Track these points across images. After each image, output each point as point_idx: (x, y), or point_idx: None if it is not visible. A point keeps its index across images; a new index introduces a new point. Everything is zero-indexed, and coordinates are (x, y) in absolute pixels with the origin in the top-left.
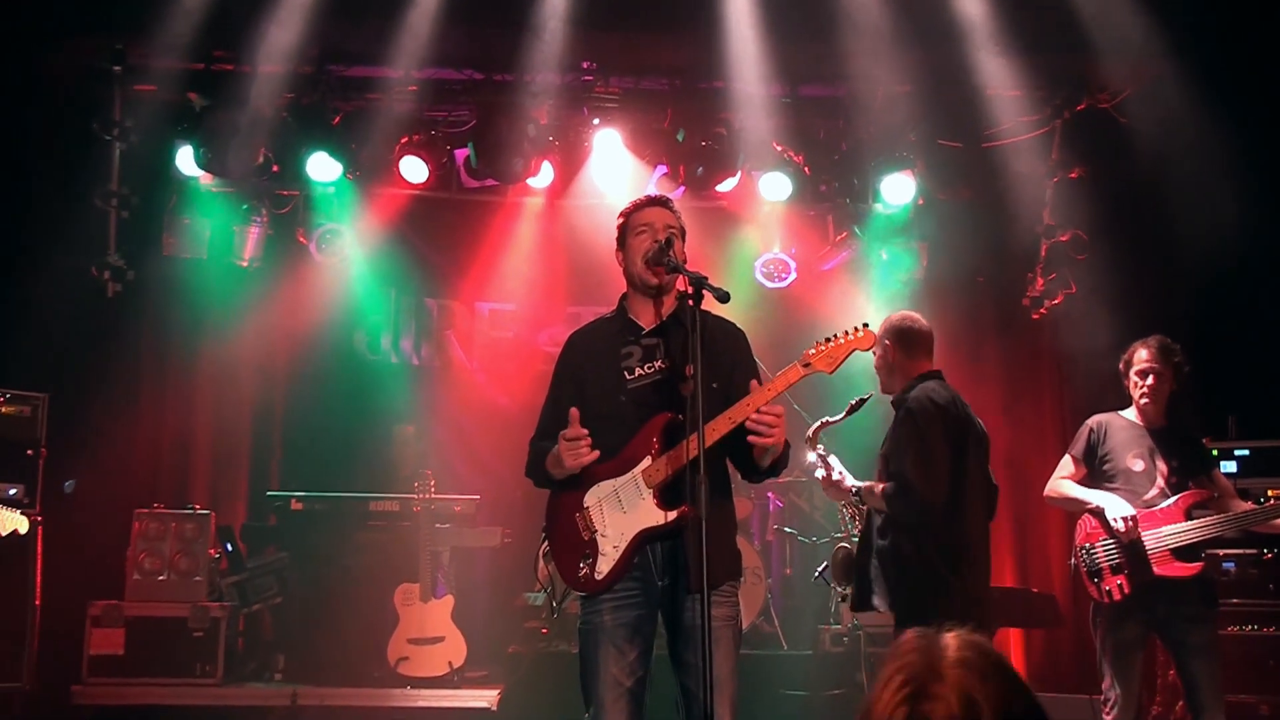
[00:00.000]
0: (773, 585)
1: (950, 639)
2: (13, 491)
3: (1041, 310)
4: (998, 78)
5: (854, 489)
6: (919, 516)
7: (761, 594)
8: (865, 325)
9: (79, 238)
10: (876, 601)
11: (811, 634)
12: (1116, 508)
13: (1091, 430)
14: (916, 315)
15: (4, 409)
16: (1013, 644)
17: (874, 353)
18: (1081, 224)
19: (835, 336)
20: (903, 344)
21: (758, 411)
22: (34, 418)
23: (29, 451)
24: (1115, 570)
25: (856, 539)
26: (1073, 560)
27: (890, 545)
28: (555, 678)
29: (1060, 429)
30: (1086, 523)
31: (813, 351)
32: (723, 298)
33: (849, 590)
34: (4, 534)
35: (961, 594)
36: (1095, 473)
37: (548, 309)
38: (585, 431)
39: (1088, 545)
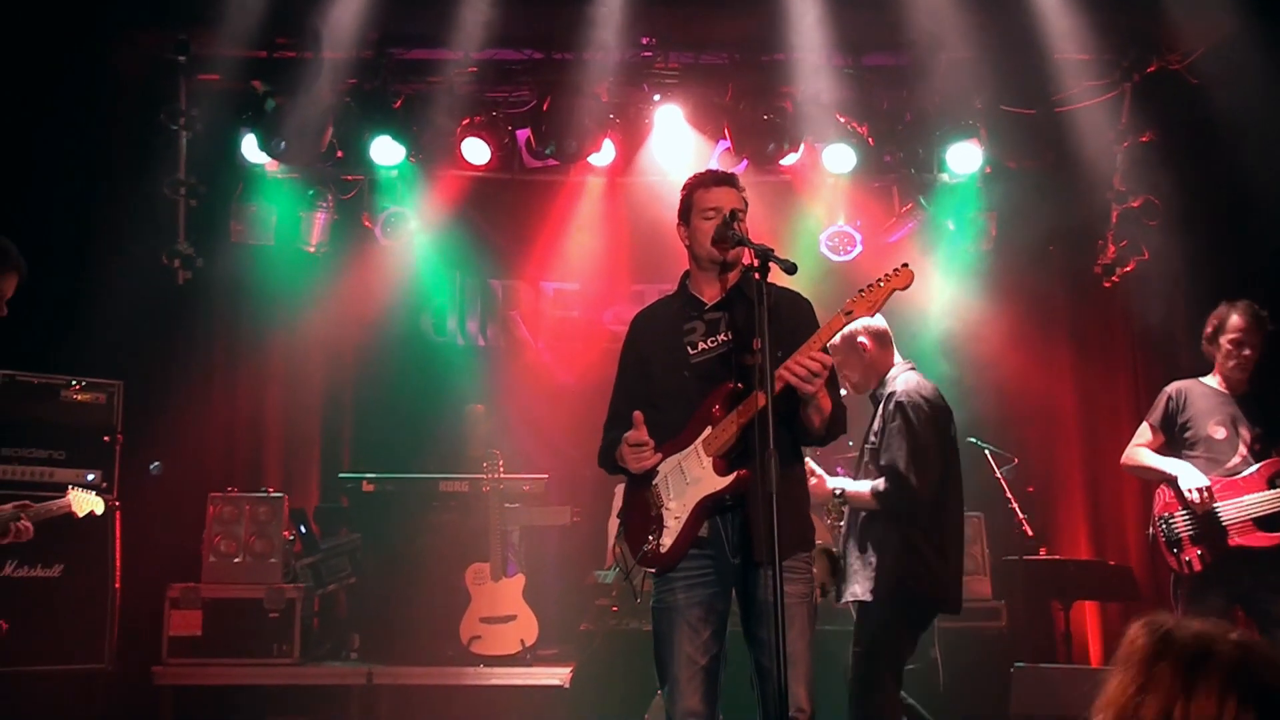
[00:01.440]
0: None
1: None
2: (90, 477)
3: (1114, 278)
4: (1065, 41)
5: (836, 490)
6: (910, 507)
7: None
8: (905, 265)
9: (149, 227)
10: (857, 589)
11: None
12: (1190, 478)
13: (1170, 398)
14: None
15: (80, 396)
16: (1088, 617)
17: (850, 356)
18: (1154, 189)
19: (875, 281)
20: (880, 342)
21: (795, 360)
22: (109, 405)
23: (105, 438)
24: (1195, 540)
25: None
26: (1151, 530)
27: (879, 536)
28: (627, 655)
29: (1133, 398)
30: (1165, 492)
31: (854, 299)
32: (790, 269)
33: (837, 586)
34: (80, 515)
35: (947, 581)
36: (1174, 440)
37: (612, 287)
38: (649, 440)
39: (1166, 515)
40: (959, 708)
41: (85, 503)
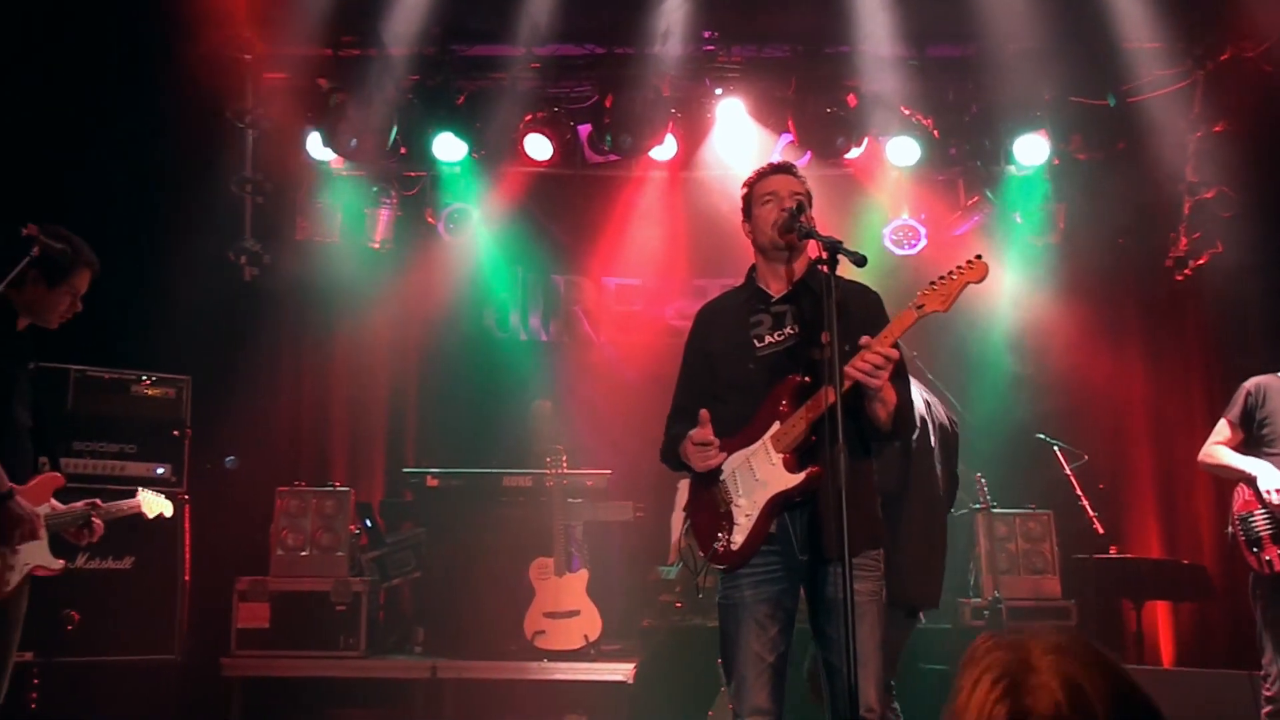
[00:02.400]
0: None
1: (1034, 632)
2: (160, 471)
3: (1186, 271)
4: (1135, 29)
5: None
6: None
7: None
8: (978, 256)
9: (216, 224)
10: None
11: (950, 607)
12: (1270, 478)
13: (1249, 393)
14: None
15: (150, 391)
16: (1160, 617)
17: None
18: (1227, 180)
19: (947, 274)
20: None
21: (861, 356)
22: (179, 400)
23: (175, 432)
24: (1276, 539)
25: None
26: (1230, 529)
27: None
28: (690, 651)
29: (1206, 393)
30: (1243, 491)
31: (925, 292)
32: (859, 261)
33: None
34: (150, 517)
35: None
36: (1253, 438)
37: (674, 282)
38: (715, 440)
39: (1245, 514)
40: None
41: (155, 505)
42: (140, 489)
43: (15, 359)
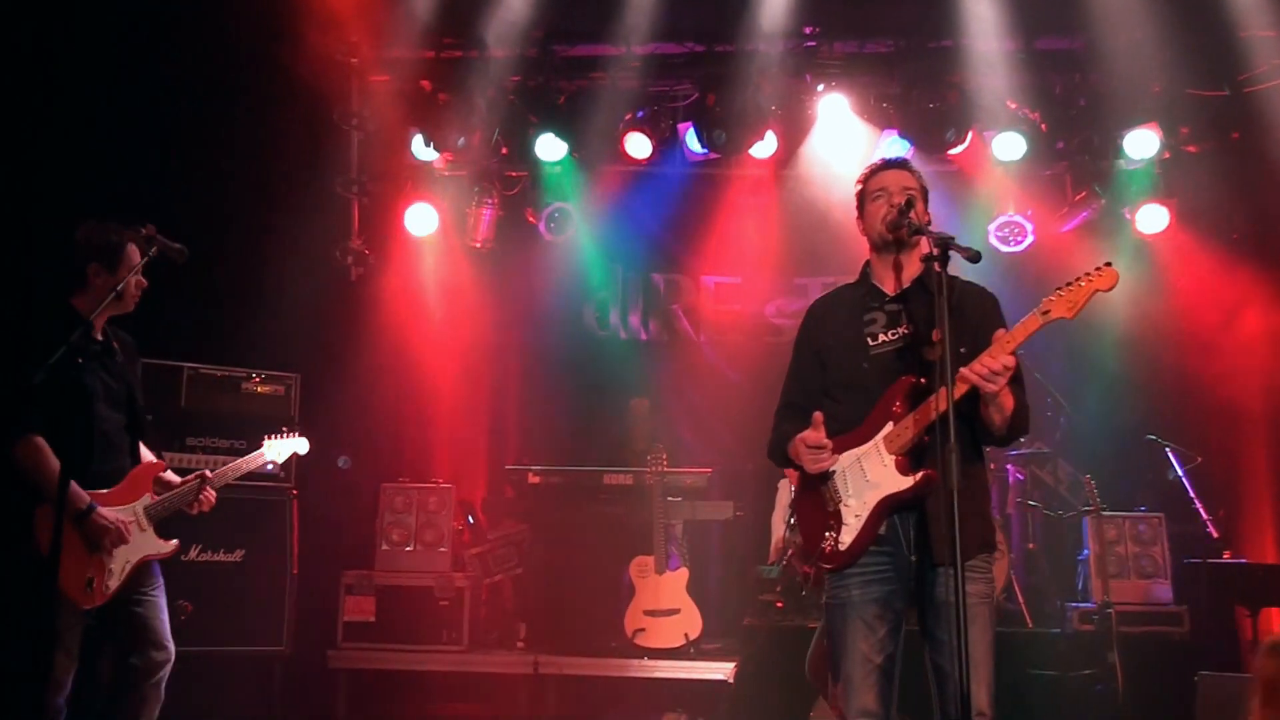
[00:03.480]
0: (1015, 561)
1: None
2: (270, 467)
3: None
4: (1251, 16)
5: None
6: None
7: (1004, 569)
8: (1108, 264)
9: (323, 224)
10: None
11: (1058, 612)
12: None
13: None
14: None
15: (260, 388)
16: (1277, 624)
17: None
18: None
19: (1075, 280)
20: None
21: (980, 361)
22: (287, 397)
23: (284, 429)
24: None
25: None
26: None
27: None
28: (791, 651)
29: None
30: None
31: (1052, 298)
32: (973, 258)
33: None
34: (280, 462)
35: None
36: None
37: (774, 281)
38: (828, 442)
39: None
40: (1138, 716)
41: (283, 449)
42: (266, 439)
43: (95, 367)
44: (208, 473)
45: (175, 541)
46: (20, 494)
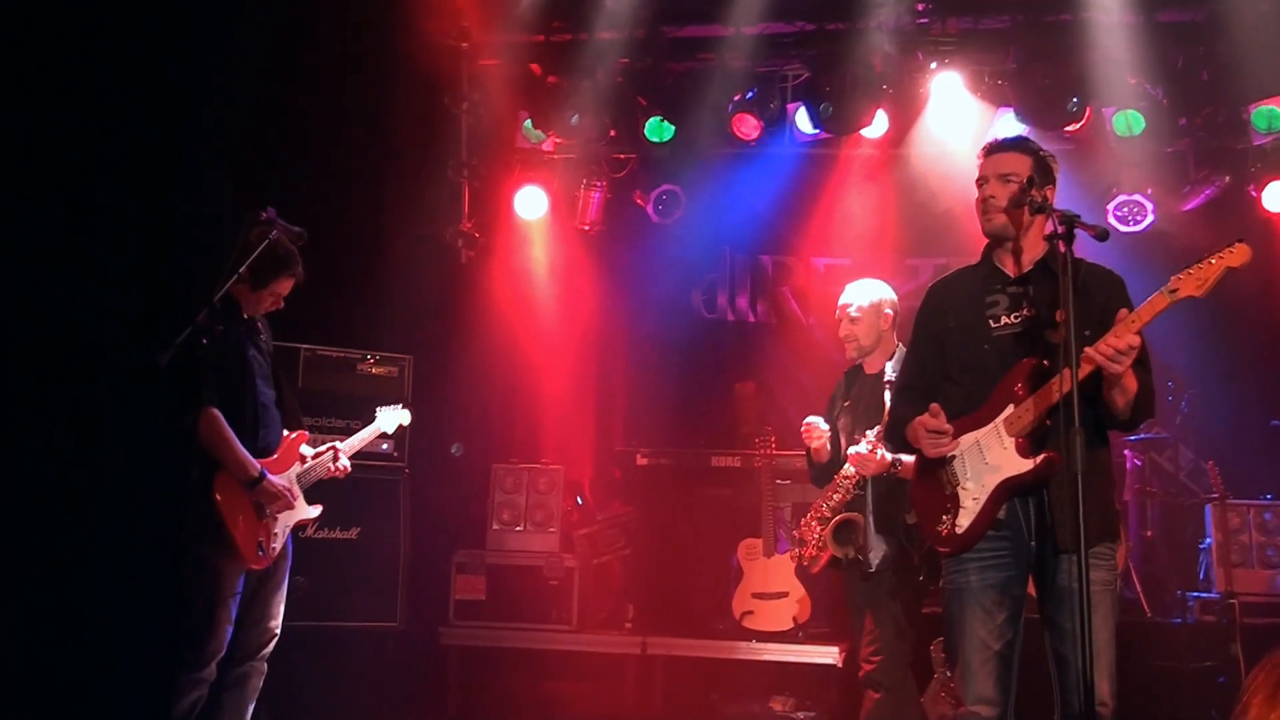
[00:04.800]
0: (1132, 549)
1: None
2: (384, 447)
3: None
4: None
5: (895, 461)
6: None
7: (1122, 557)
8: (1240, 241)
9: (434, 208)
10: (874, 558)
11: (1178, 601)
12: None
13: None
14: None
15: (375, 370)
16: None
17: (873, 321)
18: None
19: (1205, 258)
20: (895, 317)
21: (1104, 340)
22: (400, 378)
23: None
24: None
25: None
26: None
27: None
28: None
29: None
30: None
31: (1180, 276)
32: (1101, 235)
33: (848, 552)
34: (391, 433)
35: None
36: None
37: (884, 263)
38: (949, 427)
39: None
40: None
41: (391, 419)
42: (378, 410)
43: (251, 343)
44: (338, 445)
45: (320, 506)
46: (199, 462)
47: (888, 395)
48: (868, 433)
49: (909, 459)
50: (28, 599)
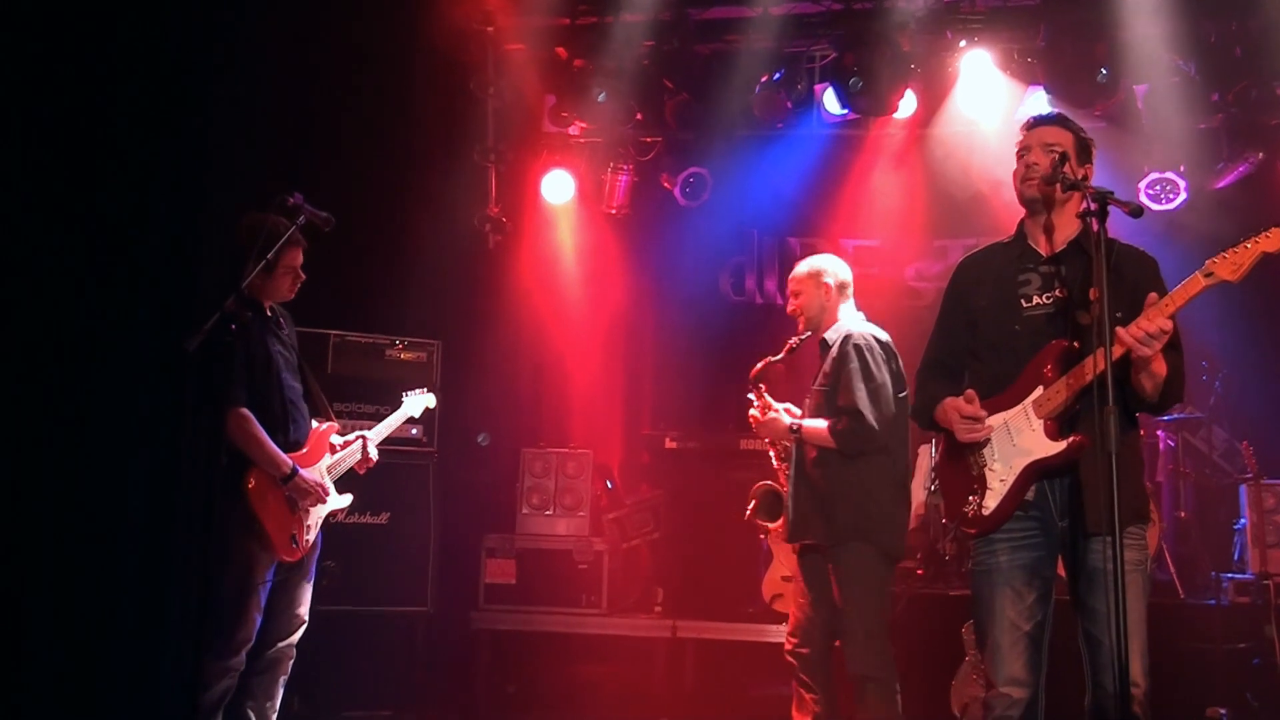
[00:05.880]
0: (1165, 530)
1: None
2: (414, 432)
3: None
4: None
5: (793, 426)
6: (867, 447)
7: (1154, 538)
8: (1277, 226)
9: (461, 192)
10: (816, 533)
11: (1212, 583)
12: None
13: None
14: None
15: (404, 355)
16: None
17: (812, 293)
18: None
19: (1241, 242)
20: (841, 289)
21: (1136, 323)
22: (429, 363)
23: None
24: None
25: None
26: None
27: (834, 478)
28: (930, 619)
29: None
30: None
31: (1215, 259)
32: (1135, 212)
33: (777, 525)
34: (418, 416)
35: (896, 525)
36: None
37: (914, 243)
38: (984, 413)
39: None
40: None
41: (418, 403)
42: (404, 395)
43: (275, 338)
44: (366, 434)
45: (350, 495)
46: (229, 451)
47: (828, 362)
48: (767, 396)
49: (811, 424)
50: (59, 588)
